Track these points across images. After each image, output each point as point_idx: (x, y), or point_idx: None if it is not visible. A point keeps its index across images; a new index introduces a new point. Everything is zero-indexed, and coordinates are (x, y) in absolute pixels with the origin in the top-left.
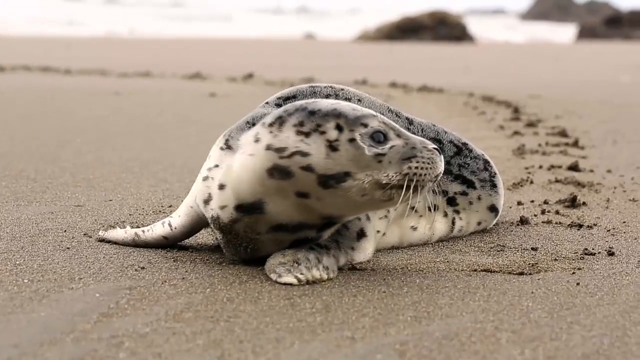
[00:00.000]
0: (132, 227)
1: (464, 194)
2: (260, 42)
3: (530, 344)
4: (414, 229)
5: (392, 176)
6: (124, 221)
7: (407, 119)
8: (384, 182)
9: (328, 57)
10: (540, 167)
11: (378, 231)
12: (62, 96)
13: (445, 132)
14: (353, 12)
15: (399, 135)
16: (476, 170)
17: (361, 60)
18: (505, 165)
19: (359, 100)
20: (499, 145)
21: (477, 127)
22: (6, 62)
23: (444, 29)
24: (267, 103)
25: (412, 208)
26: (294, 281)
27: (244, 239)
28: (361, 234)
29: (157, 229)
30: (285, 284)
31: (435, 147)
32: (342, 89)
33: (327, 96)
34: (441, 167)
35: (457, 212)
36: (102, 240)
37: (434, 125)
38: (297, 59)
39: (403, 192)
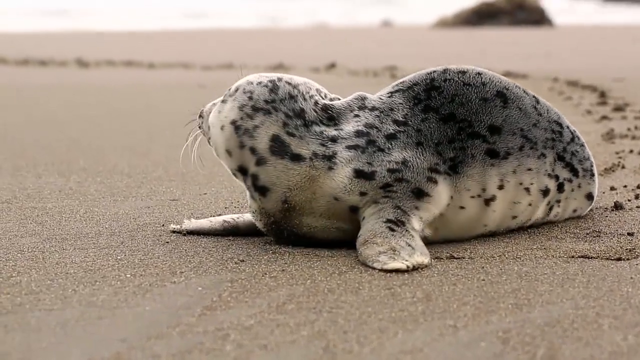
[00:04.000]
0: (196, 218)
1: (570, 181)
2: (339, 30)
3: (633, 329)
4: (514, 217)
5: None
6: (219, 214)
7: (534, 97)
8: None
9: (408, 44)
10: (631, 151)
11: (462, 207)
12: (147, 90)
13: (564, 117)
14: None
15: None
16: (582, 158)
17: (441, 47)
18: (595, 150)
19: (478, 73)
20: (588, 130)
21: (564, 113)
22: (90, 58)
23: (523, 13)
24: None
25: (526, 189)
26: (403, 266)
27: None
28: (420, 194)
29: (248, 215)
30: (392, 270)
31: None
32: (460, 67)
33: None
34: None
35: (558, 200)
36: (190, 233)
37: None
38: (377, 47)
39: None
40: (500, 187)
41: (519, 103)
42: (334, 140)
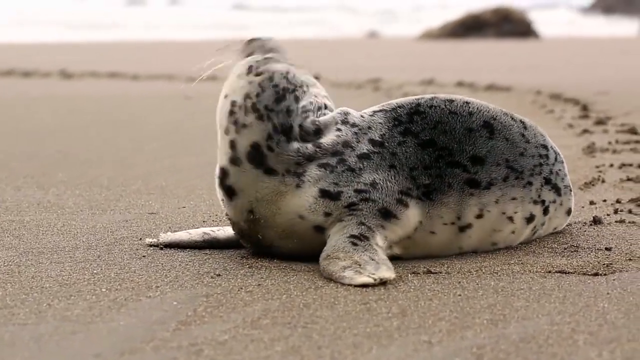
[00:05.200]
0: (173, 232)
1: (554, 202)
2: (325, 41)
3: (608, 345)
4: (494, 244)
5: None
6: (197, 227)
7: (522, 121)
8: None
9: (393, 56)
10: (612, 165)
11: (433, 232)
12: (131, 102)
13: (547, 136)
14: (416, 9)
15: None
16: (563, 176)
17: (427, 59)
18: (575, 164)
19: (465, 102)
20: (569, 144)
21: (545, 126)
22: (74, 69)
23: (508, 25)
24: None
25: (509, 218)
26: (371, 281)
27: None
28: (387, 214)
29: (229, 229)
30: (362, 285)
31: None
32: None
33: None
34: None
35: (542, 223)
36: (167, 246)
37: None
38: (362, 58)
39: None
40: (479, 216)
41: (506, 133)
42: (309, 158)
